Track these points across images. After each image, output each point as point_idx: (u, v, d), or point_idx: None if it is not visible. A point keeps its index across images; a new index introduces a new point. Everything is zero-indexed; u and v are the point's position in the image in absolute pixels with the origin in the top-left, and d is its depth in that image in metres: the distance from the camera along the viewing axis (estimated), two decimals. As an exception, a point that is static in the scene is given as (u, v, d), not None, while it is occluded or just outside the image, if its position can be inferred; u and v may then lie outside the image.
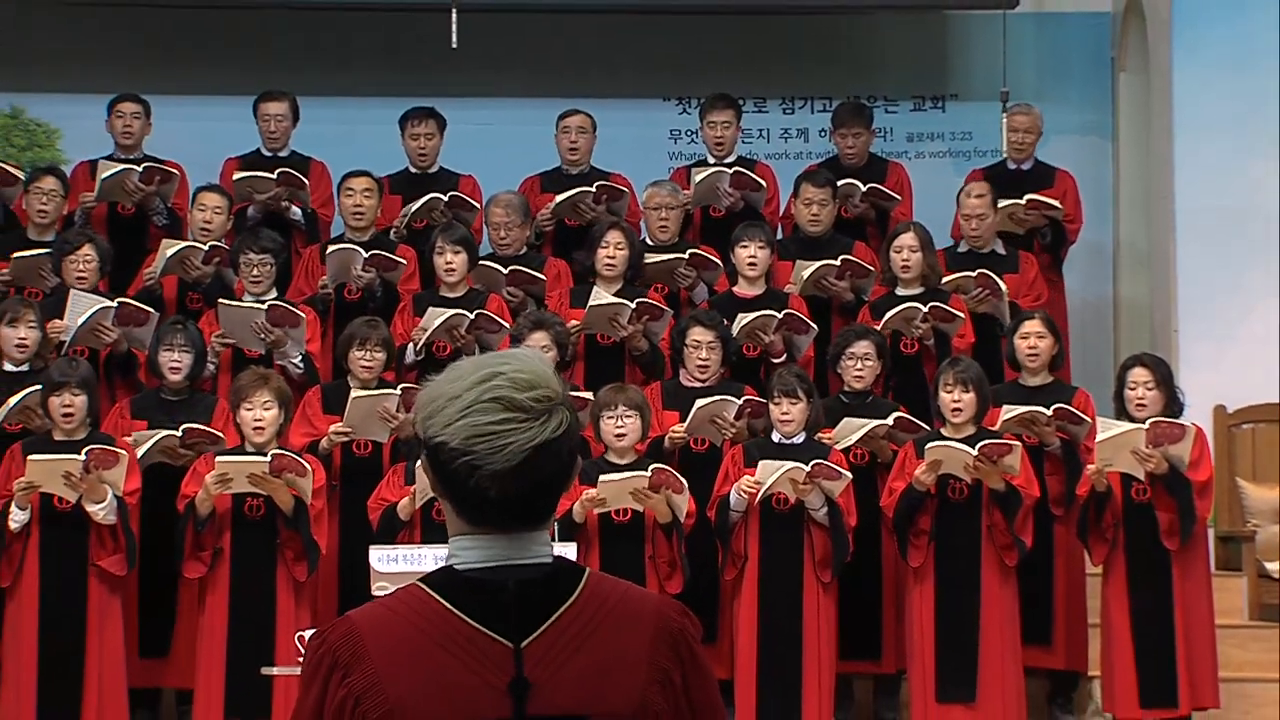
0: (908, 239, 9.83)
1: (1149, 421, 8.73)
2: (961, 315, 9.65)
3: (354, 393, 8.88)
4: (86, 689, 8.47)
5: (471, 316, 9.41)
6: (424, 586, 2.78)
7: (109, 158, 10.49)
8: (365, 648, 2.74)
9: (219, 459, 8.50)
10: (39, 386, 8.73)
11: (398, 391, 8.94)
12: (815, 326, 9.70)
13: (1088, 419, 9.10)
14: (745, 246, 9.85)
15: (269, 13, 11.59)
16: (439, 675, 2.72)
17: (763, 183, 10.53)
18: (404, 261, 9.96)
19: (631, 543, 8.50)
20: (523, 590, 2.76)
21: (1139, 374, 8.95)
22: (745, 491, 8.63)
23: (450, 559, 2.80)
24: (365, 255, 9.81)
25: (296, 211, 10.40)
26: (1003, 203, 10.42)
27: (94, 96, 10.98)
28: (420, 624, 2.75)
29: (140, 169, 10.23)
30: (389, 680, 2.72)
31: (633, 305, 9.51)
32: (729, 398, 9.04)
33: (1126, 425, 8.79)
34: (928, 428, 8.98)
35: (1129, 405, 8.92)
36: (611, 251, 9.79)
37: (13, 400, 8.82)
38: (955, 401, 8.81)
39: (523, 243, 10.19)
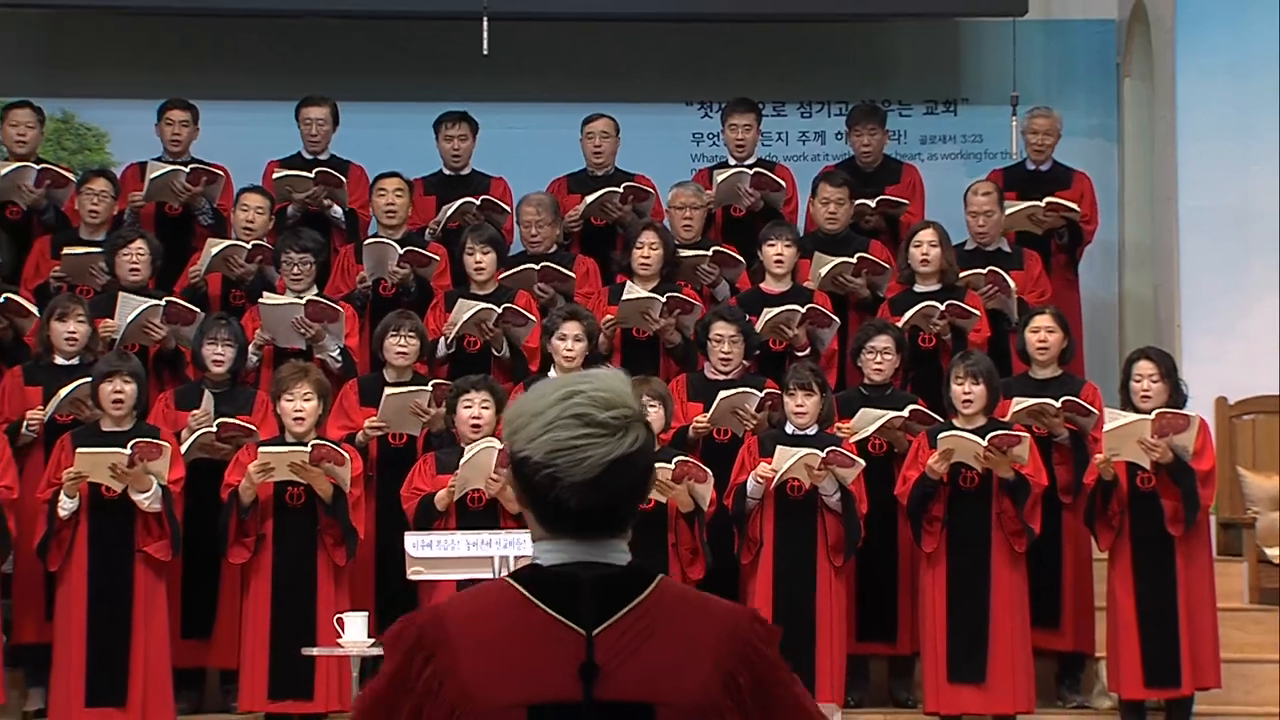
0: (927, 235, 9.83)
1: (1155, 413, 8.71)
2: (977, 312, 9.64)
3: (388, 390, 8.88)
4: (133, 669, 8.50)
5: (499, 311, 9.42)
6: (508, 579, 2.83)
7: (157, 159, 10.52)
8: (449, 633, 2.77)
9: (261, 449, 8.52)
10: (88, 379, 8.75)
11: (429, 388, 8.95)
12: (837, 319, 9.70)
13: (1095, 410, 9.09)
14: (773, 244, 9.86)
15: (310, 22, 11.60)
16: (514, 658, 2.76)
17: (782, 183, 10.53)
18: (436, 257, 9.98)
19: (654, 530, 8.50)
20: (598, 583, 2.80)
21: (1144, 367, 8.93)
22: (762, 478, 8.63)
23: (535, 558, 2.86)
24: (400, 250, 9.83)
25: (337, 211, 10.42)
26: (1022, 205, 10.43)
27: (141, 102, 10.99)
28: (500, 611, 2.79)
29: (187, 170, 10.25)
30: (467, 663, 2.76)
31: (663, 300, 9.52)
32: (751, 390, 9.05)
33: (1133, 416, 8.77)
34: (942, 419, 8.96)
35: (1134, 397, 8.91)
36: (646, 251, 9.79)
37: (63, 392, 8.85)
38: (966, 393, 8.81)
39: (553, 240, 10.20)
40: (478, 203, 10.29)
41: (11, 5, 11.28)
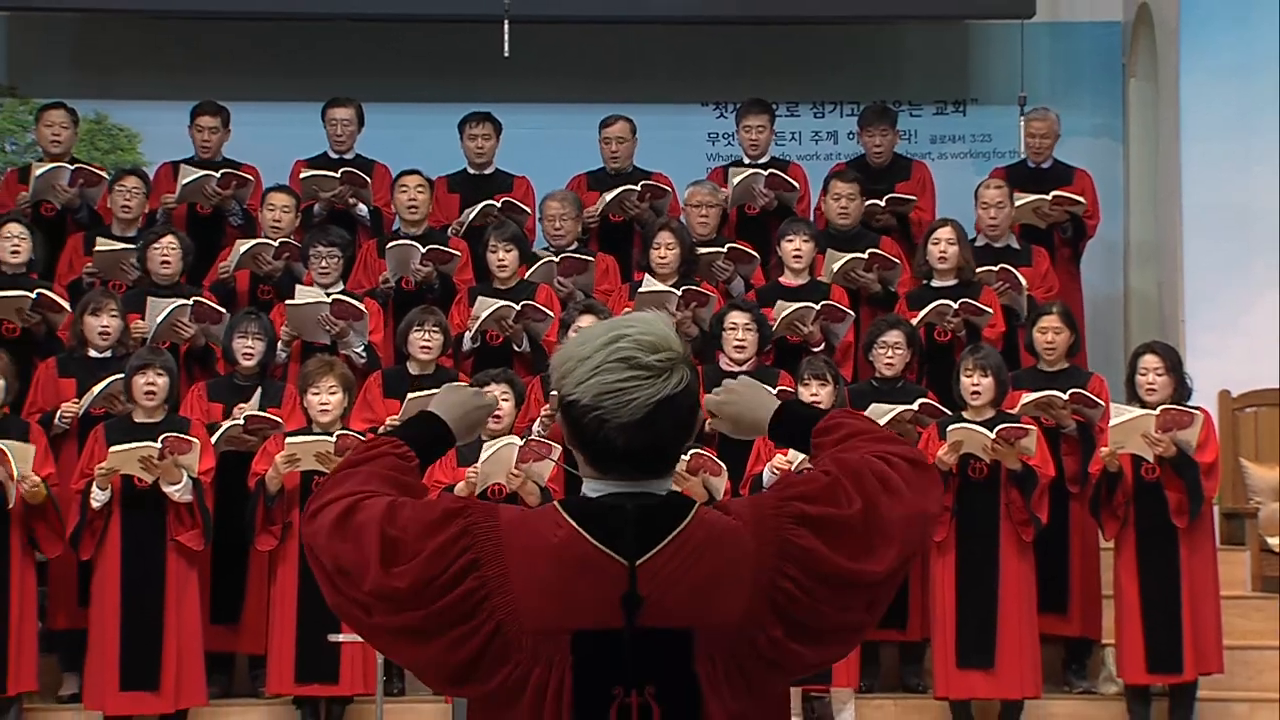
0: (945, 233, 9.85)
1: (1159, 408, 8.71)
2: (990, 310, 9.65)
3: (409, 396, 8.84)
4: (165, 654, 8.49)
5: (518, 307, 9.44)
6: (557, 507, 2.83)
7: (189, 161, 10.55)
8: (503, 541, 2.78)
9: (288, 440, 8.54)
10: (120, 375, 8.78)
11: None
12: (851, 314, 9.71)
13: (1101, 403, 9.09)
14: (791, 240, 9.89)
15: (335, 25, 11.63)
16: (561, 586, 2.76)
17: (796, 184, 10.54)
18: (458, 254, 10.00)
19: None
20: (640, 514, 2.79)
21: (1150, 361, 8.93)
22: (778, 469, 8.64)
23: (583, 491, 2.87)
24: (422, 250, 9.85)
25: (363, 209, 10.44)
26: (1029, 197, 10.43)
27: (172, 103, 11.04)
28: (550, 538, 2.78)
29: (219, 175, 10.28)
30: (518, 582, 2.76)
31: (679, 293, 9.53)
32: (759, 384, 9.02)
33: (1138, 411, 8.76)
34: (950, 413, 8.96)
35: (1140, 390, 8.90)
36: (663, 251, 9.80)
37: (97, 388, 8.88)
38: (974, 385, 8.81)
39: (575, 235, 10.23)
40: (498, 205, 10.31)
41: (46, 9, 11.32)
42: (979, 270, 9.91)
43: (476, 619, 2.76)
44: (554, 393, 2.88)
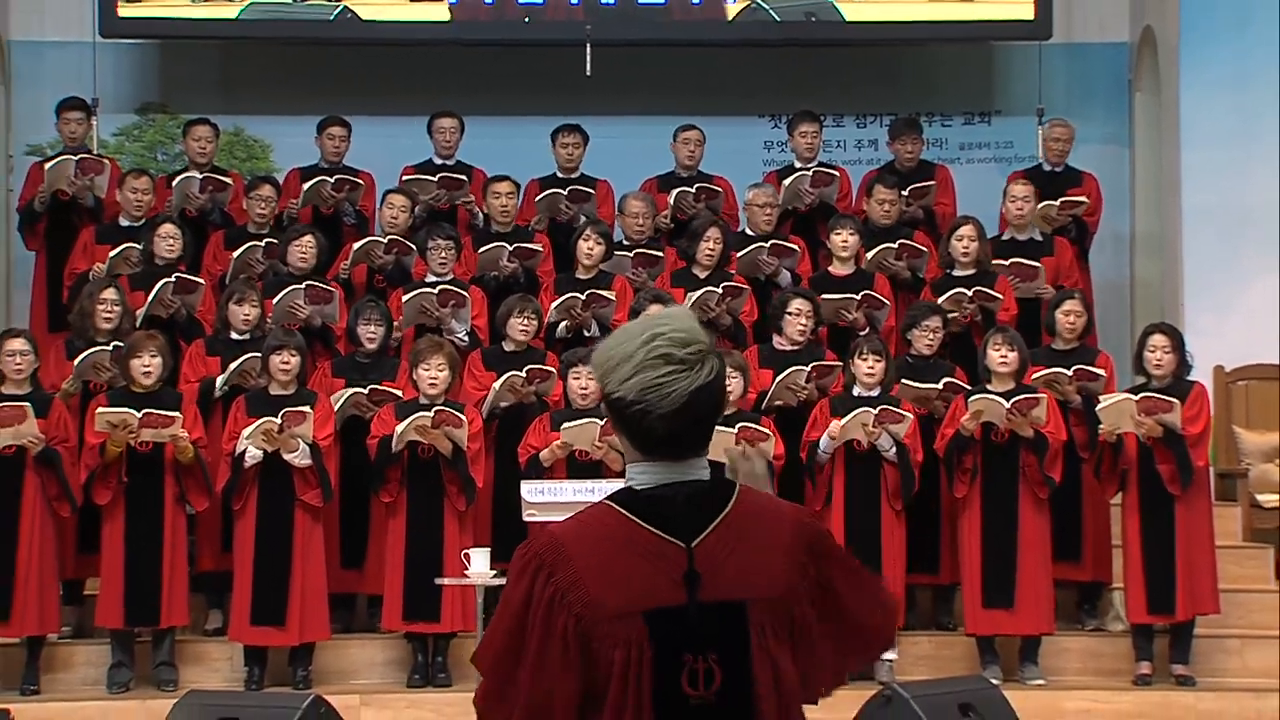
0: (968, 230, 9.84)
1: (1140, 395, 8.69)
2: (1001, 296, 9.66)
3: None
4: (291, 595, 8.55)
5: (583, 298, 9.48)
6: (609, 503, 2.81)
7: (314, 167, 10.64)
8: (566, 553, 2.76)
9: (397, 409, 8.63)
10: (249, 356, 8.88)
11: (523, 374, 8.98)
12: (889, 302, 9.72)
13: (1103, 374, 9.09)
14: (839, 234, 9.90)
15: (442, 49, 11.68)
16: (626, 572, 2.75)
17: (835, 174, 10.55)
18: (540, 249, 10.04)
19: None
20: (690, 501, 2.79)
21: (1158, 340, 8.89)
22: (834, 436, 8.70)
23: (629, 481, 2.84)
24: (509, 248, 9.92)
25: (478, 213, 10.49)
26: (1038, 205, 10.39)
27: (299, 118, 11.11)
28: (608, 532, 2.78)
29: (333, 180, 10.37)
30: (587, 578, 2.75)
31: (719, 289, 9.56)
32: (800, 367, 9.05)
33: (1119, 395, 8.81)
34: (970, 388, 8.97)
35: (1148, 366, 8.87)
36: (711, 245, 9.85)
37: (233, 365, 8.98)
38: (1002, 358, 8.82)
39: (650, 231, 10.27)
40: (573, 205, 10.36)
41: (192, 38, 11.42)
42: (997, 261, 9.92)
43: (561, 619, 2.74)
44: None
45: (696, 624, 2.74)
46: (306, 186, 10.33)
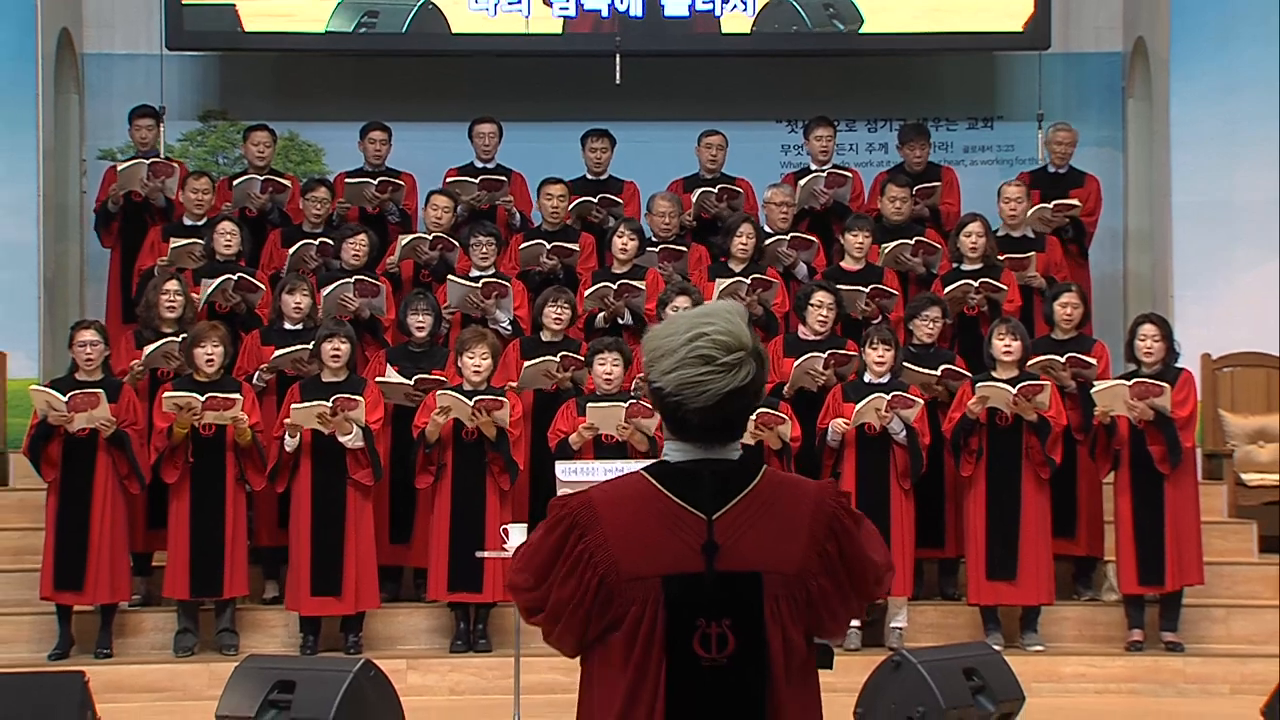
0: (976, 227, 9.82)
1: (1133, 381, 8.66)
2: (1006, 287, 9.63)
3: (526, 364, 8.86)
4: (346, 568, 8.61)
5: (614, 287, 9.47)
6: (643, 473, 2.82)
7: (359, 170, 10.65)
8: (599, 515, 2.77)
9: (439, 394, 8.63)
10: (302, 346, 8.88)
11: (557, 359, 8.98)
12: (897, 294, 9.70)
13: (1095, 362, 9.06)
14: (854, 233, 9.89)
15: (480, 59, 11.68)
16: (650, 538, 2.76)
17: (849, 175, 10.53)
18: (577, 249, 10.03)
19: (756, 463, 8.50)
20: (715, 475, 2.79)
21: (1148, 329, 8.88)
22: (839, 430, 8.68)
23: (664, 455, 2.85)
24: (548, 246, 9.91)
25: (516, 213, 10.49)
26: (1034, 208, 10.36)
27: (350, 124, 11.08)
28: (638, 499, 2.79)
29: (375, 181, 10.38)
30: (614, 540, 2.76)
31: (748, 281, 9.55)
32: (817, 354, 9.04)
33: (1113, 381, 8.79)
34: (970, 375, 8.95)
35: (1139, 353, 8.85)
36: (744, 240, 9.84)
37: (285, 351, 8.99)
38: (1006, 347, 8.81)
39: (677, 229, 10.26)
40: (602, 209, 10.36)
41: (251, 49, 11.43)
42: (1003, 258, 9.89)
43: (587, 575, 2.75)
44: (640, 376, 2.90)
45: (712, 591, 2.74)
46: (349, 184, 10.35)
